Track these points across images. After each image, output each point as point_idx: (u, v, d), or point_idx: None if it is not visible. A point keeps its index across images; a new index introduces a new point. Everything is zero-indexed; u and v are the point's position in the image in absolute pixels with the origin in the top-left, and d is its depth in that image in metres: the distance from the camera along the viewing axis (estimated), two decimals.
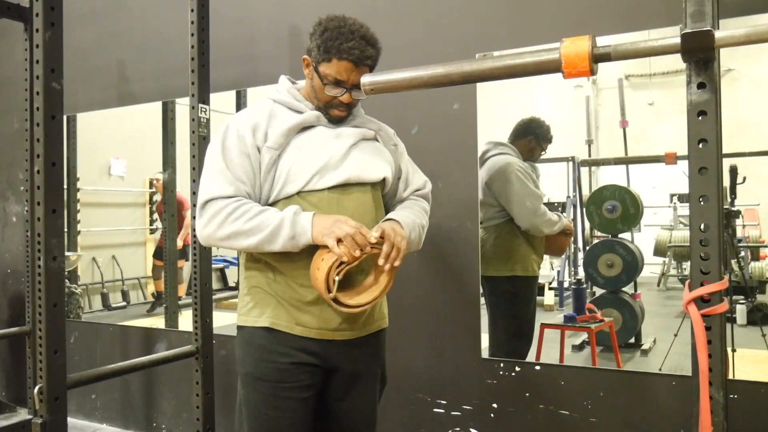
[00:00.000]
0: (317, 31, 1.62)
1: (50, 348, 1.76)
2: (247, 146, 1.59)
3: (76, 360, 3.40)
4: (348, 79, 1.60)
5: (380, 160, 1.71)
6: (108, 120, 3.47)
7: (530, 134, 2.38)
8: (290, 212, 1.52)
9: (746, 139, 2.06)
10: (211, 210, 1.55)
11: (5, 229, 3.78)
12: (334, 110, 1.65)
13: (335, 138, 1.65)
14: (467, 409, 2.42)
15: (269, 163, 1.59)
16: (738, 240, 2.22)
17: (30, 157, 1.76)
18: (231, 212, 1.53)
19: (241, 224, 1.52)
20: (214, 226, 1.55)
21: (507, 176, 2.36)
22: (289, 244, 1.51)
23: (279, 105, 1.69)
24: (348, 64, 1.58)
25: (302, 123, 1.63)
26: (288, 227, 1.50)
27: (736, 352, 2.05)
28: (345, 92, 1.62)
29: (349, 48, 1.57)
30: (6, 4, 2.82)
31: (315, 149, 1.61)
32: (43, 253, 1.74)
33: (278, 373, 1.59)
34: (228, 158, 1.59)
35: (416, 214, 1.73)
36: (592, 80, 2.37)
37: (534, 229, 2.39)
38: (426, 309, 2.50)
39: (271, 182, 1.60)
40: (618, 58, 1.15)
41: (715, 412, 1.11)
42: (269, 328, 1.61)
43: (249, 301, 1.67)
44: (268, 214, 1.53)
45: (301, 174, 1.58)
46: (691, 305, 1.12)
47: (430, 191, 1.88)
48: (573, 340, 2.42)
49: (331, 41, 1.58)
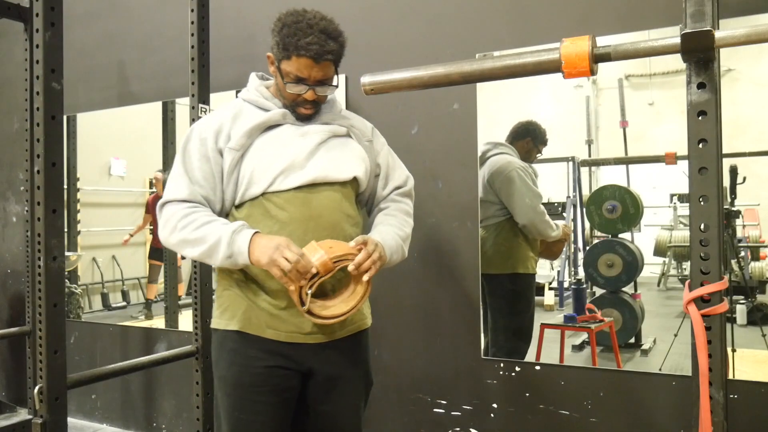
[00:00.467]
0: (276, 27, 1.56)
1: (50, 348, 1.76)
2: (207, 149, 1.56)
3: (76, 360, 3.40)
4: (309, 75, 1.55)
5: (351, 158, 1.65)
6: (108, 120, 3.46)
7: (528, 136, 2.39)
8: (229, 230, 1.47)
9: (746, 139, 2.06)
10: (166, 213, 1.55)
11: (5, 229, 3.78)
12: (301, 108, 1.61)
13: (301, 137, 1.60)
14: (467, 409, 2.42)
15: (231, 164, 1.55)
16: (738, 240, 2.22)
17: (30, 157, 1.76)
18: (180, 218, 1.51)
19: (187, 233, 1.50)
20: (167, 230, 1.54)
21: (508, 174, 2.37)
22: (227, 262, 1.48)
23: (247, 104, 1.65)
24: (307, 61, 1.52)
25: (266, 122, 1.59)
26: (225, 246, 1.46)
27: (736, 352, 2.05)
28: (308, 89, 1.56)
29: (307, 44, 1.50)
30: (6, 4, 2.82)
31: (279, 149, 1.57)
32: (43, 253, 1.74)
33: (250, 377, 1.57)
34: (187, 162, 1.57)
35: (399, 227, 1.68)
36: (592, 80, 2.37)
37: (532, 225, 2.40)
38: (426, 309, 2.50)
39: (234, 184, 1.57)
40: (618, 58, 1.15)
41: (715, 412, 1.11)
42: (240, 332, 1.58)
43: (223, 302, 1.64)
44: (213, 227, 1.49)
45: (265, 175, 1.54)
46: (691, 305, 1.12)
47: (413, 187, 1.82)
48: (573, 340, 2.42)
49: (289, 38, 1.52)
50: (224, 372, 1.61)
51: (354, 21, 2.63)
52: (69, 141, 3.55)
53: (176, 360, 2.28)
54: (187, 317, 2.89)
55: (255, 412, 1.57)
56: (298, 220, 1.54)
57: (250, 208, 1.56)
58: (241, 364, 1.58)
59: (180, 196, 1.54)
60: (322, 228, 1.56)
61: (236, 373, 1.58)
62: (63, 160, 1.80)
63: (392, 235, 1.64)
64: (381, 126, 2.57)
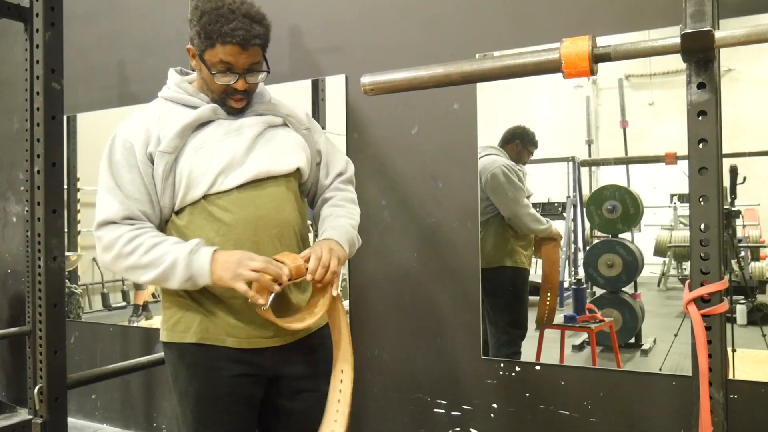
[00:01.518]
0: (194, 16, 1.45)
1: (50, 348, 1.76)
2: (136, 158, 1.44)
3: (76, 360, 3.40)
4: (237, 63, 1.45)
5: (292, 148, 1.57)
6: (108, 120, 3.46)
7: (516, 139, 2.45)
8: (185, 250, 1.37)
9: (746, 139, 2.06)
10: (106, 237, 1.42)
11: (5, 229, 3.78)
12: (231, 101, 1.51)
13: (236, 131, 1.51)
14: (467, 409, 2.42)
15: (166, 169, 1.44)
16: (738, 240, 2.22)
17: (30, 157, 1.76)
18: (126, 243, 1.39)
19: (136, 258, 1.39)
20: (110, 257, 1.42)
21: (492, 171, 2.43)
22: (186, 285, 1.39)
23: (171, 103, 1.54)
24: (234, 48, 1.42)
25: (197, 119, 1.48)
26: (182, 268, 1.36)
27: (736, 352, 2.05)
28: (238, 78, 1.46)
29: (231, 30, 1.40)
30: (6, 4, 2.82)
31: (215, 147, 1.47)
32: (43, 253, 1.74)
33: (214, 389, 1.49)
34: (117, 174, 1.44)
35: (350, 216, 1.62)
36: (592, 80, 2.37)
37: (515, 217, 2.44)
38: (426, 309, 2.50)
39: (171, 189, 1.46)
40: (618, 58, 1.15)
41: (715, 412, 1.11)
42: (199, 344, 1.48)
43: (173, 314, 1.53)
44: (164, 248, 1.39)
45: (203, 176, 1.44)
46: (691, 305, 1.12)
47: (353, 173, 1.76)
48: (573, 340, 2.42)
49: (210, 25, 1.42)
50: (185, 386, 1.51)
51: (354, 21, 2.63)
52: (69, 141, 3.55)
53: None
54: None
55: (221, 423, 1.50)
56: (245, 221, 1.46)
57: (191, 213, 1.47)
58: (203, 377, 1.49)
59: (116, 214, 1.42)
60: (271, 226, 1.49)
61: (199, 387, 1.49)
62: (63, 160, 1.80)
63: (346, 227, 1.57)
64: (381, 126, 2.59)
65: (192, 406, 1.51)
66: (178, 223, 1.49)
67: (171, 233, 1.50)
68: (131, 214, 1.43)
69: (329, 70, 2.65)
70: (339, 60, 2.63)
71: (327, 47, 2.69)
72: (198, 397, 1.50)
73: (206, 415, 1.50)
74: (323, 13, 2.70)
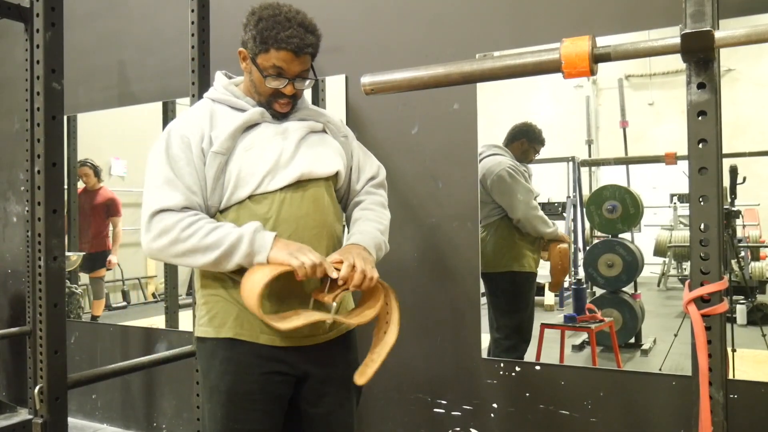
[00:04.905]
0: (251, 21, 1.53)
1: (51, 348, 1.76)
2: (192, 154, 1.50)
3: (76, 360, 3.40)
4: (289, 68, 1.52)
5: (332, 153, 1.64)
6: (108, 120, 3.46)
7: (522, 137, 2.42)
8: (251, 228, 1.43)
9: (746, 139, 2.06)
10: (161, 223, 1.44)
11: (6, 229, 3.79)
12: (278, 104, 1.57)
13: (282, 134, 1.57)
14: (467, 409, 2.42)
15: (218, 170, 1.50)
16: (738, 240, 2.22)
17: (30, 157, 1.76)
18: (186, 227, 1.42)
19: (197, 240, 1.42)
20: (165, 241, 1.43)
21: (498, 173, 2.41)
22: (245, 261, 1.43)
23: (219, 104, 1.60)
24: (287, 54, 1.49)
25: (248, 121, 1.54)
26: (247, 244, 1.41)
27: (736, 352, 2.05)
28: (287, 83, 1.53)
29: (287, 37, 1.48)
30: (6, 5, 2.82)
31: (263, 149, 1.53)
32: (43, 253, 1.74)
33: (246, 385, 1.52)
34: (176, 166, 1.48)
35: (378, 221, 1.66)
36: (592, 80, 2.37)
37: (526, 220, 2.42)
38: (426, 309, 2.50)
39: (221, 189, 1.51)
40: (618, 58, 1.15)
41: (715, 412, 1.11)
42: (233, 339, 1.53)
43: (210, 309, 1.57)
44: (226, 228, 1.44)
45: (252, 177, 1.50)
46: (691, 305, 1.12)
47: (385, 178, 1.81)
48: (573, 340, 2.42)
49: (267, 31, 1.48)
50: (216, 382, 1.55)
51: (354, 21, 2.63)
52: (69, 141, 3.55)
53: (176, 360, 2.28)
54: (187, 317, 2.89)
55: (251, 420, 1.53)
56: (287, 221, 1.52)
57: (237, 211, 1.52)
58: (236, 372, 1.53)
59: (177, 203, 1.45)
60: (311, 227, 1.54)
61: (230, 382, 1.53)
62: (63, 160, 1.80)
63: (374, 233, 1.61)
64: (381, 126, 2.59)
65: (223, 402, 1.54)
66: (224, 221, 1.52)
67: None
68: (190, 204, 1.47)
69: (329, 70, 2.65)
70: (339, 60, 2.63)
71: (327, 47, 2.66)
72: (229, 392, 1.53)
73: (236, 411, 1.53)
74: (323, 13, 2.69)
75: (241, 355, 1.53)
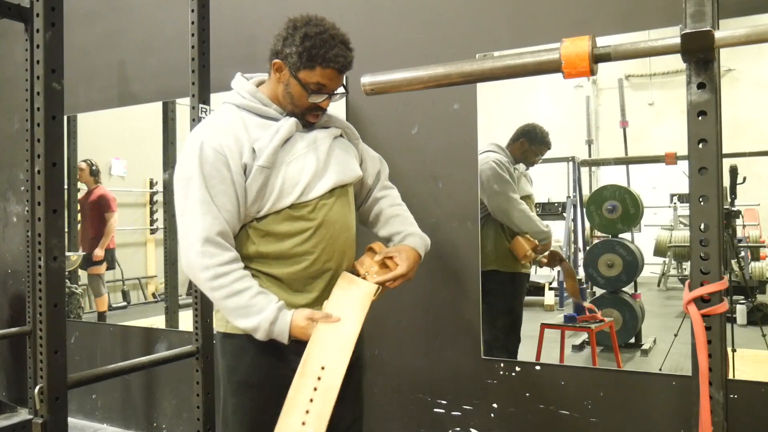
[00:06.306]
0: (295, 36, 1.53)
1: (51, 348, 1.76)
2: (230, 170, 1.51)
3: (76, 360, 3.41)
4: (331, 85, 1.58)
5: (353, 159, 1.73)
6: (108, 120, 3.46)
7: (522, 137, 2.42)
8: (267, 318, 1.48)
9: (746, 139, 2.06)
10: (211, 260, 1.49)
11: (6, 229, 3.79)
12: (312, 116, 1.62)
13: (314, 144, 1.62)
14: (467, 409, 2.42)
15: (263, 182, 1.53)
16: (738, 240, 2.22)
17: (30, 157, 1.76)
18: (235, 280, 1.49)
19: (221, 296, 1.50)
20: (214, 280, 1.49)
21: (482, 166, 2.40)
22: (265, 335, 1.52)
23: (246, 112, 1.61)
24: (333, 72, 1.55)
25: (288, 134, 1.57)
26: (262, 334, 1.49)
27: (736, 352, 2.05)
28: (327, 98, 1.59)
29: (334, 56, 1.52)
30: (6, 5, 2.82)
31: (302, 160, 1.58)
32: (43, 253, 1.74)
33: (278, 378, 1.54)
34: (210, 185, 1.50)
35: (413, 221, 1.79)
36: (592, 80, 2.37)
37: (502, 213, 2.40)
38: (426, 309, 2.50)
39: (262, 198, 1.55)
40: (618, 58, 1.15)
41: (715, 412, 1.11)
42: None
43: None
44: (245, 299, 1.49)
45: (295, 187, 1.55)
46: (691, 305, 1.12)
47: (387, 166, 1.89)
48: (573, 340, 2.42)
49: (315, 49, 1.51)
50: (245, 376, 1.59)
51: (354, 21, 2.63)
52: (69, 141, 3.56)
53: (176, 360, 2.28)
54: (187, 317, 2.89)
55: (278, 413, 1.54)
56: (323, 226, 1.59)
57: (274, 219, 1.57)
58: (269, 365, 1.57)
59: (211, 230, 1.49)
60: (342, 230, 1.63)
61: (263, 376, 1.57)
62: (63, 160, 1.80)
63: (422, 235, 1.76)
64: (381, 126, 2.59)
65: (254, 396, 1.58)
66: (261, 228, 1.57)
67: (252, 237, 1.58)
68: (222, 229, 1.51)
69: None
70: None
71: None
72: (261, 387, 1.58)
73: (268, 404, 1.54)
74: (323, 13, 2.68)
75: (272, 350, 1.56)
